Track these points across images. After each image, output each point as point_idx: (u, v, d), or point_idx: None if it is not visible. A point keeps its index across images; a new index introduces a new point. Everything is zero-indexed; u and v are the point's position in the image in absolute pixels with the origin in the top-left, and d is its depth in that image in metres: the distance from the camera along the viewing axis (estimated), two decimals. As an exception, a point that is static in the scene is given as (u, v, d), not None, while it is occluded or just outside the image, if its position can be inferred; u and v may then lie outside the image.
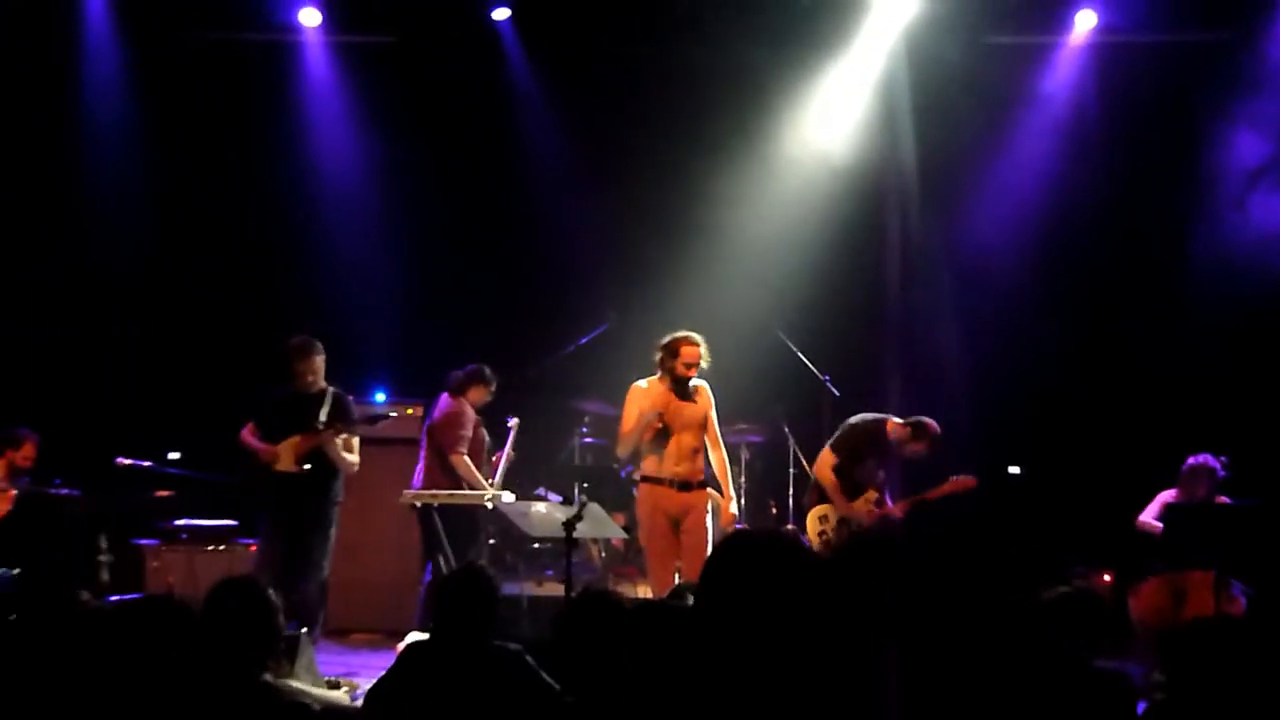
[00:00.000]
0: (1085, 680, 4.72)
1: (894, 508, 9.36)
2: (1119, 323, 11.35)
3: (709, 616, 3.60)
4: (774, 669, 3.68)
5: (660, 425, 8.66)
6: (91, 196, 11.42)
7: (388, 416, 9.59)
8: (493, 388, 9.83)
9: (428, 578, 9.56)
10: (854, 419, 9.46)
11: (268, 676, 4.26)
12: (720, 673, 3.63)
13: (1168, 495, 9.03)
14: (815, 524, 9.35)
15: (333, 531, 9.12)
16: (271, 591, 4.43)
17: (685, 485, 8.74)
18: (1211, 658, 4.16)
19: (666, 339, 8.77)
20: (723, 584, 3.61)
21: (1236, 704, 4.10)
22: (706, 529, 8.70)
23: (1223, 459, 8.87)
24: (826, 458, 9.36)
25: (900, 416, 9.56)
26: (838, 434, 9.42)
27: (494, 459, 9.97)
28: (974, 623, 5.13)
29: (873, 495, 9.31)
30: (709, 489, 8.85)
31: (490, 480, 9.70)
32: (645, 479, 8.80)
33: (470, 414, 9.70)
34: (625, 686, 4.17)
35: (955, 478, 9.39)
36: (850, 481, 9.30)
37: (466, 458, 9.59)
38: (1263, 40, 10.82)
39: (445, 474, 9.60)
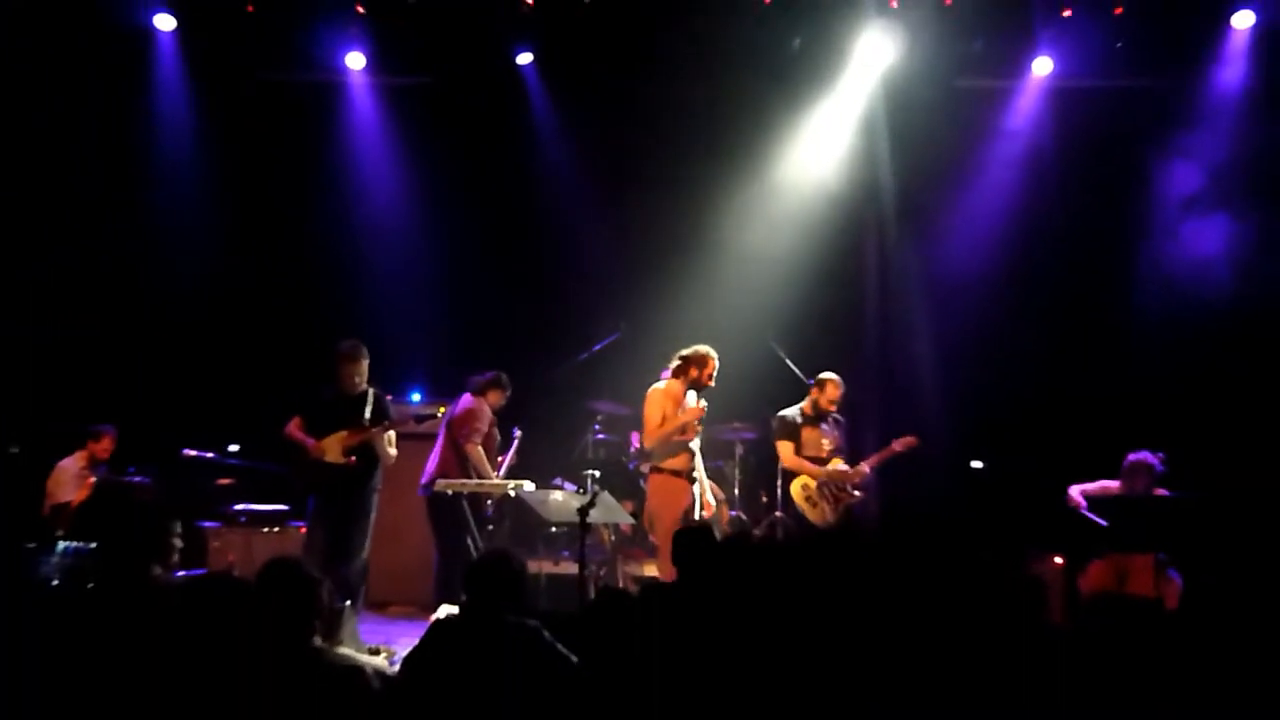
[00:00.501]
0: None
1: (853, 471, 9.46)
2: (1073, 334, 11.40)
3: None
4: (763, 646, 3.79)
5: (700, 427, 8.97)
6: (162, 226, 11.54)
7: (434, 416, 9.67)
8: (508, 393, 9.89)
9: (438, 559, 9.65)
10: (779, 413, 9.66)
11: (317, 642, 4.36)
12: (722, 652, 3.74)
13: (1111, 484, 9.10)
14: (800, 492, 9.46)
15: (373, 516, 9.19)
16: (316, 570, 4.53)
17: (694, 480, 8.96)
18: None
19: (691, 350, 8.94)
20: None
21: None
22: None
23: (1160, 455, 8.95)
24: (785, 447, 9.51)
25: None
26: (776, 429, 9.60)
27: (499, 460, 10.09)
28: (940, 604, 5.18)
29: (836, 464, 9.45)
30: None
31: (495, 475, 9.80)
32: (671, 472, 8.92)
33: (487, 413, 9.77)
34: (635, 660, 4.26)
35: (897, 440, 9.51)
36: (809, 457, 9.45)
37: (480, 449, 9.70)
38: (1198, 85, 10.93)
39: (459, 463, 9.70)
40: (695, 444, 9.04)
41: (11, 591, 5.04)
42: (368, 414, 9.06)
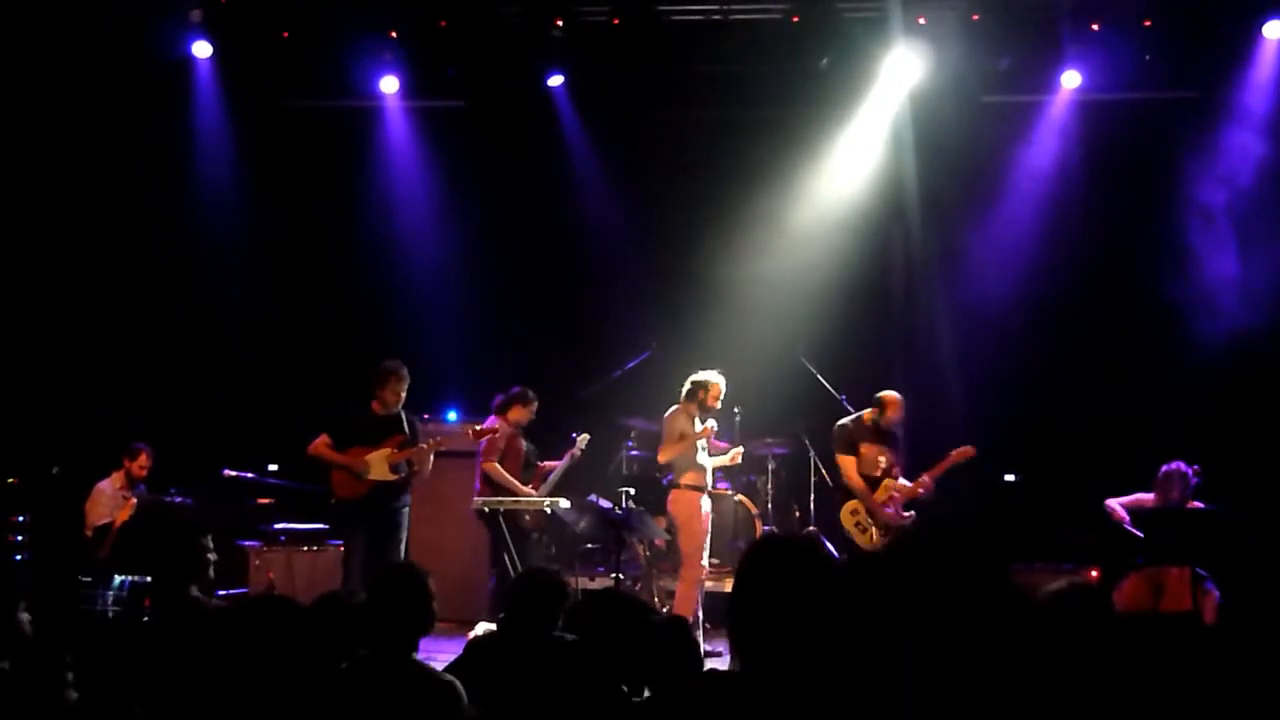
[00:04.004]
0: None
1: (915, 484, 9.27)
2: (1101, 348, 11.28)
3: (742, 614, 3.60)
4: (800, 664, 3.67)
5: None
6: (201, 250, 11.58)
7: (467, 434, 9.70)
8: (533, 406, 9.80)
9: (495, 575, 9.59)
10: (839, 422, 9.51)
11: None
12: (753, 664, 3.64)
13: (1145, 496, 8.97)
14: (849, 517, 9.34)
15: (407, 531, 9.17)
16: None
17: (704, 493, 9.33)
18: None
19: (702, 377, 9.27)
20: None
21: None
22: None
23: (1195, 467, 8.81)
24: (848, 463, 9.35)
25: (906, 429, 9.60)
26: (835, 440, 9.45)
27: (544, 467, 10.02)
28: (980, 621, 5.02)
29: (889, 484, 9.27)
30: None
31: (531, 489, 9.75)
32: (687, 487, 9.21)
33: (504, 429, 9.71)
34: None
35: (955, 450, 9.32)
36: (866, 478, 9.30)
37: (497, 464, 9.59)
38: (1229, 96, 10.78)
39: (486, 481, 9.65)
40: (708, 462, 9.30)
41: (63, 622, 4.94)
42: (406, 432, 8.98)
